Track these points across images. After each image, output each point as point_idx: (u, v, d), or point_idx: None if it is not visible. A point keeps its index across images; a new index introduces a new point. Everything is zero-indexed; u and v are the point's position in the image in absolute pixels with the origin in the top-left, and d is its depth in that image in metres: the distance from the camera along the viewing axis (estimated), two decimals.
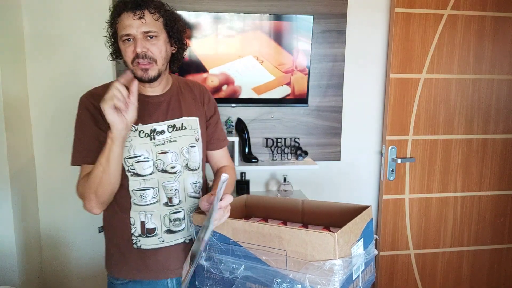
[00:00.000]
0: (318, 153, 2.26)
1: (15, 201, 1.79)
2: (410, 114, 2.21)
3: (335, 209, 1.16)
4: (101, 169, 1.03)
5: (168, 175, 1.17)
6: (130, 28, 1.06)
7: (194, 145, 1.22)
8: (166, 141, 1.17)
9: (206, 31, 1.96)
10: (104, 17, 1.96)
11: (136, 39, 1.07)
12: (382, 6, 2.18)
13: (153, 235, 1.18)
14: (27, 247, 1.91)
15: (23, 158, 1.90)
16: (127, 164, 1.14)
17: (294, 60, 2.06)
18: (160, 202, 1.17)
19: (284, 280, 0.92)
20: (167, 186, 1.17)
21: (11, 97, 1.78)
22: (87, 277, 2.15)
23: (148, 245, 1.18)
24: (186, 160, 1.20)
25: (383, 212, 2.27)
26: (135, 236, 1.18)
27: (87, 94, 1.17)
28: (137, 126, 1.14)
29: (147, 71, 1.09)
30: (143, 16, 1.06)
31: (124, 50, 1.09)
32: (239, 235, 1.00)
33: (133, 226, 1.17)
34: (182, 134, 1.19)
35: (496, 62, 2.23)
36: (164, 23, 1.12)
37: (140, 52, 1.07)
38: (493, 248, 2.39)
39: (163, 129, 1.17)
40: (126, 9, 1.07)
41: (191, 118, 1.23)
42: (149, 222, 1.17)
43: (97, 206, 1.09)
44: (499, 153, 2.32)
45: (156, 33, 1.09)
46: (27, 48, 1.94)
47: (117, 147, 1.02)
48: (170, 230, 1.19)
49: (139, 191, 1.15)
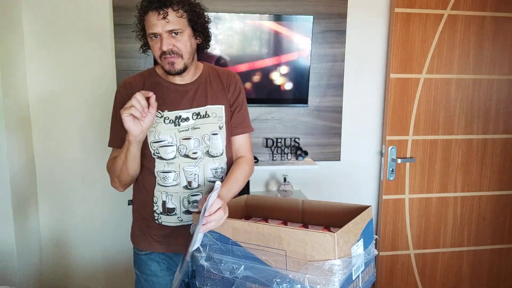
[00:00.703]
0: (318, 153, 2.26)
1: (15, 201, 1.79)
2: (410, 114, 2.21)
3: (335, 209, 1.16)
4: (120, 163, 1.17)
5: (190, 160, 1.24)
6: (155, 27, 1.13)
7: (216, 132, 1.28)
8: (190, 128, 1.24)
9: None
10: (104, 17, 1.97)
11: (162, 36, 1.14)
12: (382, 6, 2.18)
13: (172, 214, 1.27)
14: (27, 247, 1.91)
15: (23, 158, 1.90)
16: (152, 148, 1.23)
17: (294, 60, 2.05)
18: (180, 185, 1.25)
19: (283, 280, 0.92)
20: (187, 171, 1.25)
21: (11, 97, 1.78)
22: (87, 277, 2.15)
23: (168, 223, 1.27)
24: (207, 147, 1.26)
25: (383, 212, 2.27)
26: (157, 213, 1.27)
27: (121, 83, 1.29)
28: (163, 112, 1.23)
29: (173, 65, 1.17)
30: (166, 15, 1.12)
31: (152, 46, 1.18)
32: (239, 235, 1.00)
33: (155, 204, 1.27)
34: (205, 122, 1.26)
35: (496, 62, 2.23)
36: (188, 18, 1.18)
37: (166, 50, 1.15)
38: (493, 248, 2.39)
39: (188, 116, 1.24)
40: (151, 8, 1.13)
41: (216, 106, 1.29)
42: (169, 202, 1.26)
43: (120, 186, 1.26)
44: (499, 153, 2.32)
45: (180, 30, 1.15)
46: (27, 48, 1.94)
47: (134, 148, 1.13)
48: (189, 211, 1.27)
49: (163, 173, 1.24)
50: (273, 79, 2.07)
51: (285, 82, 2.08)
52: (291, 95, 2.10)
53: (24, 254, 1.87)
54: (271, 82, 2.07)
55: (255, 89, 2.08)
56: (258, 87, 2.08)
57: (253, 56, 2.02)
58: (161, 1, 1.12)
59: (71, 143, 2.05)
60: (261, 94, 2.08)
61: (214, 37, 1.97)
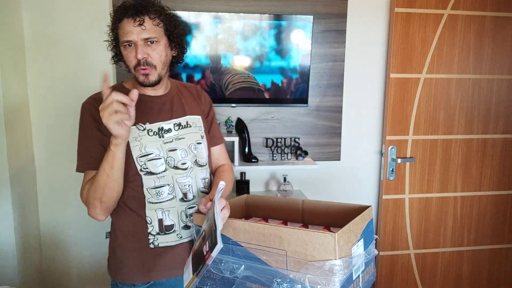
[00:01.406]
0: (318, 153, 2.26)
1: (15, 201, 1.79)
2: (410, 114, 2.21)
3: (335, 209, 1.16)
4: (105, 176, 1.04)
5: (181, 171, 1.20)
6: (130, 34, 1.08)
7: (200, 141, 1.26)
8: (174, 138, 1.20)
9: (206, 31, 1.96)
10: (104, 17, 1.96)
11: (136, 45, 1.09)
12: (382, 6, 2.18)
13: (171, 232, 1.19)
14: (27, 247, 1.91)
15: (23, 158, 1.90)
16: (139, 163, 1.15)
17: (294, 60, 2.05)
18: (176, 198, 1.19)
19: (284, 280, 0.92)
20: (181, 182, 1.20)
21: (11, 97, 1.78)
22: (87, 277, 2.15)
23: (166, 243, 1.19)
24: (195, 156, 1.23)
25: (383, 212, 2.27)
26: (152, 235, 1.18)
27: (89, 100, 1.18)
28: (144, 125, 1.17)
29: (147, 76, 1.13)
30: (143, 22, 1.08)
31: (126, 55, 1.12)
32: (239, 235, 1.00)
33: (150, 225, 1.17)
34: (188, 132, 1.23)
35: (496, 62, 2.23)
36: (165, 28, 1.14)
37: (141, 59, 1.09)
38: (493, 248, 2.40)
39: (170, 127, 1.20)
40: (127, 15, 1.08)
41: (195, 117, 1.27)
42: (167, 219, 1.18)
43: (102, 213, 1.10)
44: (499, 153, 2.32)
45: (156, 38, 1.11)
46: (27, 48, 1.94)
47: (121, 153, 1.03)
48: (187, 226, 1.21)
49: (154, 189, 1.16)
50: (273, 79, 2.07)
51: (285, 82, 2.08)
52: (291, 95, 2.10)
53: (24, 254, 1.87)
54: (271, 82, 2.07)
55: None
56: None
57: (253, 56, 2.02)
58: (137, 8, 1.08)
59: (71, 143, 2.04)
60: (261, 94, 2.08)
61: (215, 37, 1.97)
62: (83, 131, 1.16)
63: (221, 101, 2.05)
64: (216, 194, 0.97)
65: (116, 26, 1.12)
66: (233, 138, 2.04)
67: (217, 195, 0.97)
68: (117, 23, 1.11)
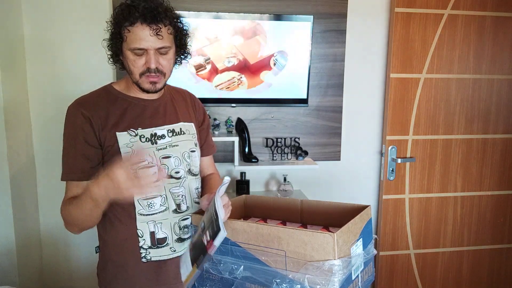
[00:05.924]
0: (318, 153, 2.26)
1: (15, 201, 1.79)
2: (410, 114, 2.20)
3: (334, 209, 1.16)
4: (87, 213, 1.01)
5: (174, 181, 1.14)
6: (145, 42, 1.01)
7: (194, 149, 1.21)
8: (167, 145, 1.14)
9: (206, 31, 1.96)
10: (104, 18, 1.96)
11: (149, 53, 1.03)
12: (382, 6, 2.18)
13: (164, 245, 1.13)
14: (27, 247, 1.91)
15: (23, 158, 1.90)
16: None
17: (294, 60, 2.05)
18: (169, 209, 1.13)
19: (283, 281, 0.92)
20: (174, 192, 1.14)
21: (11, 98, 1.78)
22: (87, 277, 2.15)
23: (159, 256, 1.13)
24: (188, 165, 1.18)
25: (383, 212, 2.27)
26: (144, 248, 1.11)
27: (75, 104, 1.11)
28: (136, 130, 1.10)
29: (155, 84, 1.08)
30: (160, 31, 1.01)
31: (133, 61, 1.05)
32: (238, 235, 1.00)
33: (141, 238, 1.11)
34: (182, 139, 1.17)
35: (496, 62, 2.23)
36: (175, 36, 1.09)
37: (153, 68, 1.04)
38: (493, 248, 2.39)
39: (163, 133, 1.14)
40: (141, 20, 1.00)
41: (188, 124, 1.22)
42: (159, 232, 1.12)
43: (79, 231, 1.10)
44: (499, 153, 2.31)
45: (169, 47, 1.06)
46: (27, 50, 1.94)
47: (106, 203, 0.98)
48: (181, 238, 1.15)
49: (146, 200, 1.10)
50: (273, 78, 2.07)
51: (285, 81, 2.08)
52: (291, 95, 2.10)
53: (24, 253, 1.87)
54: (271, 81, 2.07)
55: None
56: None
57: (253, 56, 2.02)
58: (155, 15, 1.00)
59: None
60: (261, 94, 2.08)
61: (215, 37, 1.97)
62: (67, 140, 1.12)
63: (221, 101, 2.05)
64: (220, 187, 0.94)
65: (123, 26, 1.02)
66: (233, 138, 2.04)
67: (221, 187, 0.94)
68: (125, 24, 1.01)
